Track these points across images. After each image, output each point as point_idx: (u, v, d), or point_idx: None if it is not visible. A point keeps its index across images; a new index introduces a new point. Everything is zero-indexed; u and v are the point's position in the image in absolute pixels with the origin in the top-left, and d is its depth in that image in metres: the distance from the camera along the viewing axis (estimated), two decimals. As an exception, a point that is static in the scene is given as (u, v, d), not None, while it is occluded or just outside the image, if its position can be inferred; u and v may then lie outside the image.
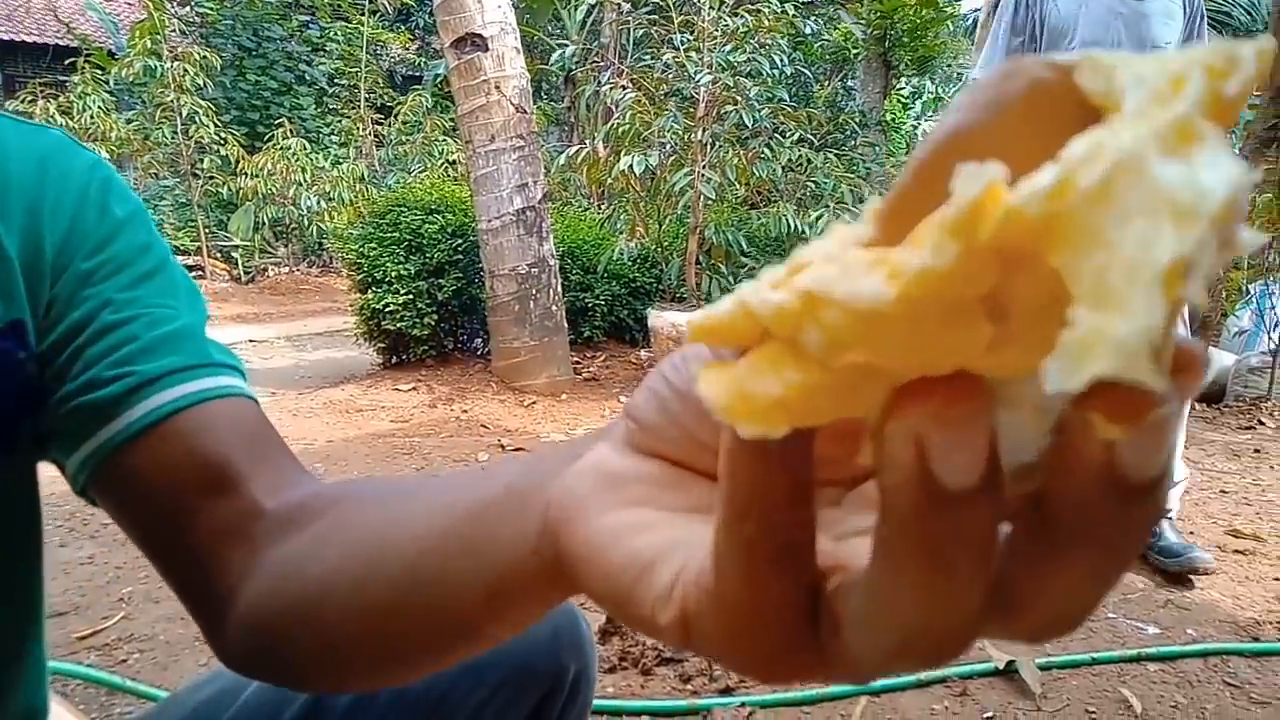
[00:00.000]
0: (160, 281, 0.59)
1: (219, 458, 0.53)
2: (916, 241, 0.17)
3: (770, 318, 0.18)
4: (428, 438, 4.05)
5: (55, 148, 0.59)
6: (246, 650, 0.51)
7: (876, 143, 8.00)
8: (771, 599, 0.23)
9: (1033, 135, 0.18)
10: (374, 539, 0.43)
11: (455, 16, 4.57)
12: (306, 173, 9.83)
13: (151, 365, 0.55)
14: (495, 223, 4.77)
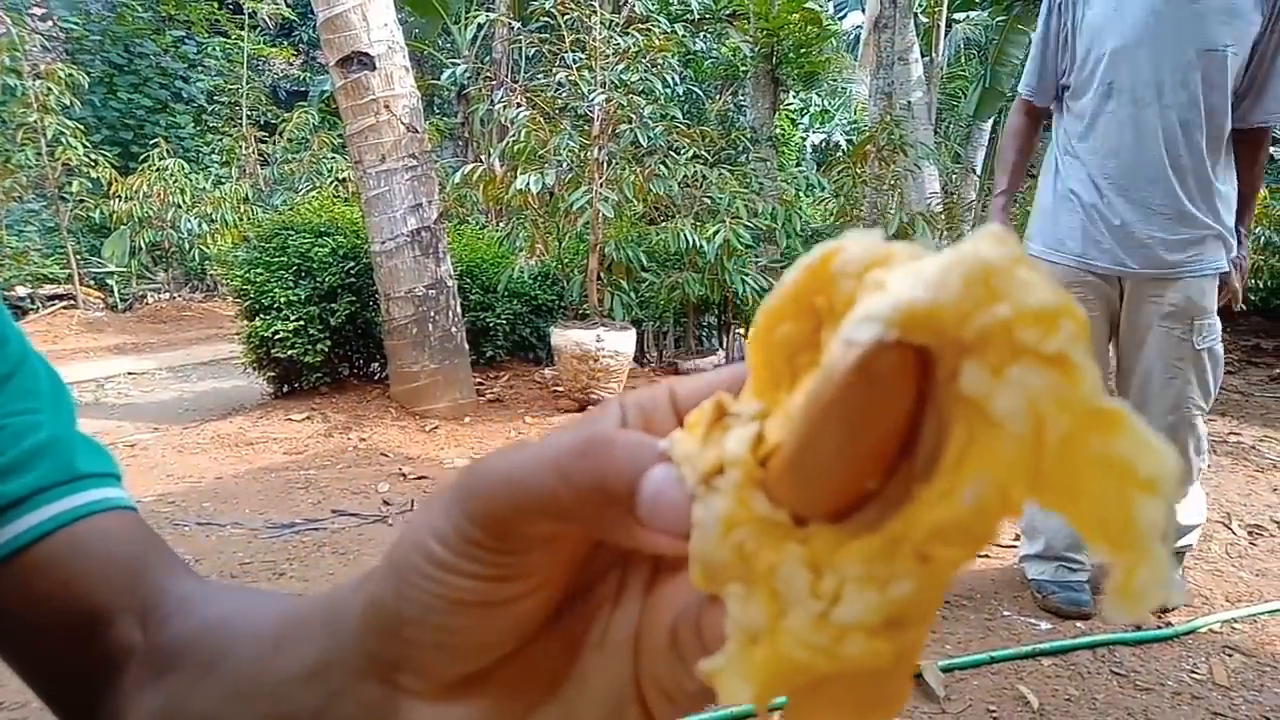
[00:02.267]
0: (19, 381, 0.54)
1: (89, 595, 0.50)
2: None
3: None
4: (324, 469, 3.90)
5: None
6: None
7: (768, 157, 8.21)
8: None
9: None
10: (216, 705, 0.41)
11: (340, 35, 4.44)
12: (186, 194, 9.37)
13: (13, 485, 0.50)
14: (389, 244, 4.65)
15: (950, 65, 11.76)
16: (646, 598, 0.29)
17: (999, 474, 0.19)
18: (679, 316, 6.33)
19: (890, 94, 8.36)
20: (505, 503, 0.27)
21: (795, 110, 16.60)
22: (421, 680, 0.30)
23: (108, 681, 0.50)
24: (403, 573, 0.29)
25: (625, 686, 0.29)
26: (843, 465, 0.21)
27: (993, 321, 0.19)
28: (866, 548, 0.21)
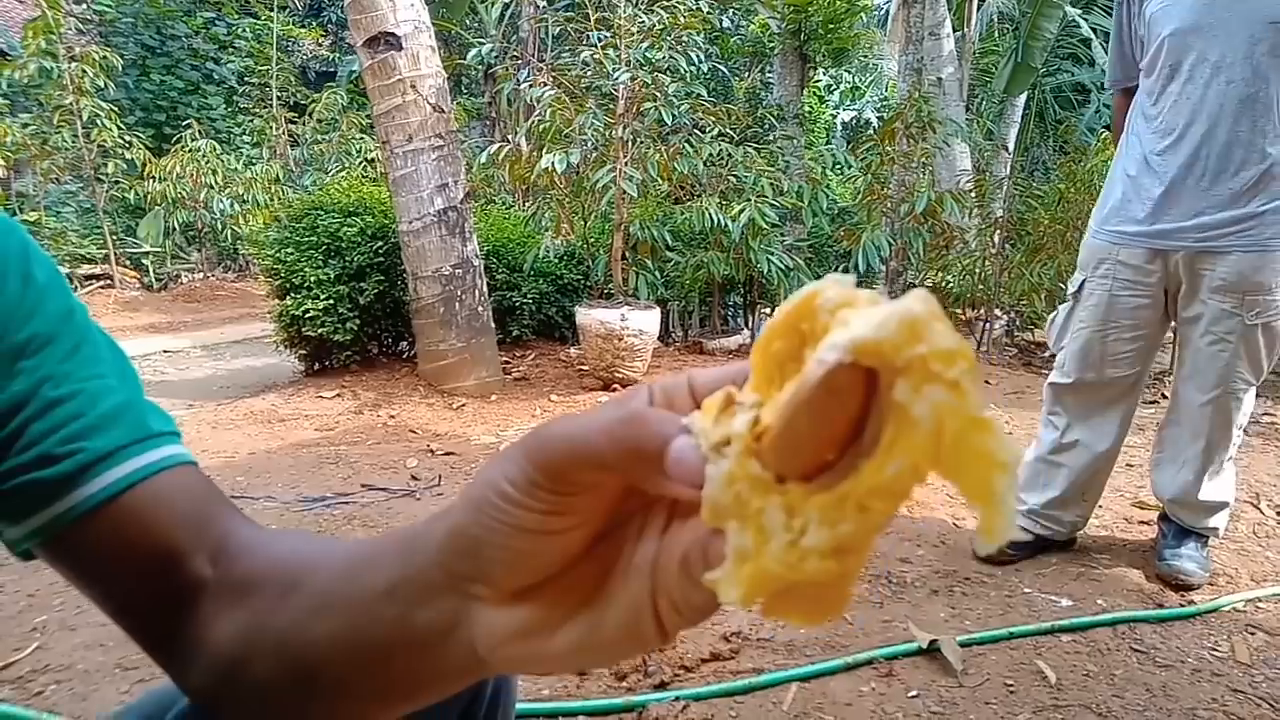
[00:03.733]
0: (88, 350, 0.61)
1: (167, 536, 0.58)
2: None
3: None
4: (354, 445, 3.98)
5: None
6: (206, 697, 0.57)
7: (794, 135, 8.13)
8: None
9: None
10: (297, 621, 0.50)
11: (366, 15, 4.48)
12: (218, 175, 9.50)
13: (100, 442, 0.58)
14: (416, 224, 4.70)
15: (982, 40, 11.57)
16: (662, 537, 0.38)
17: (914, 455, 0.29)
18: (704, 296, 6.33)
19: (920, 70, 8.25)
20: (564, 457, 0.36)
21: (823, 88, 16.41)
22: (490, 590, 0.40)
23: (184, 612, 0.58)
24: (481, 507, 0.38)
25: (643, 602, 0.38)
26: (811, 444, 0.31)
27: (915, 355, 0.28)
28: (825, 500, 0.31)
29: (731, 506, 0.32)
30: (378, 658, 0.45)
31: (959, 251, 6.57)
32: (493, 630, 0.40)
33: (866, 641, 2.09)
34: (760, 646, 2.08)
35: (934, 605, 2.31)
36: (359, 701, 0.49)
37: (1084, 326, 2.48)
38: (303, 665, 0.50)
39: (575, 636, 0.39)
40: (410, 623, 0.43)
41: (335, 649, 0.47)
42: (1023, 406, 4.71)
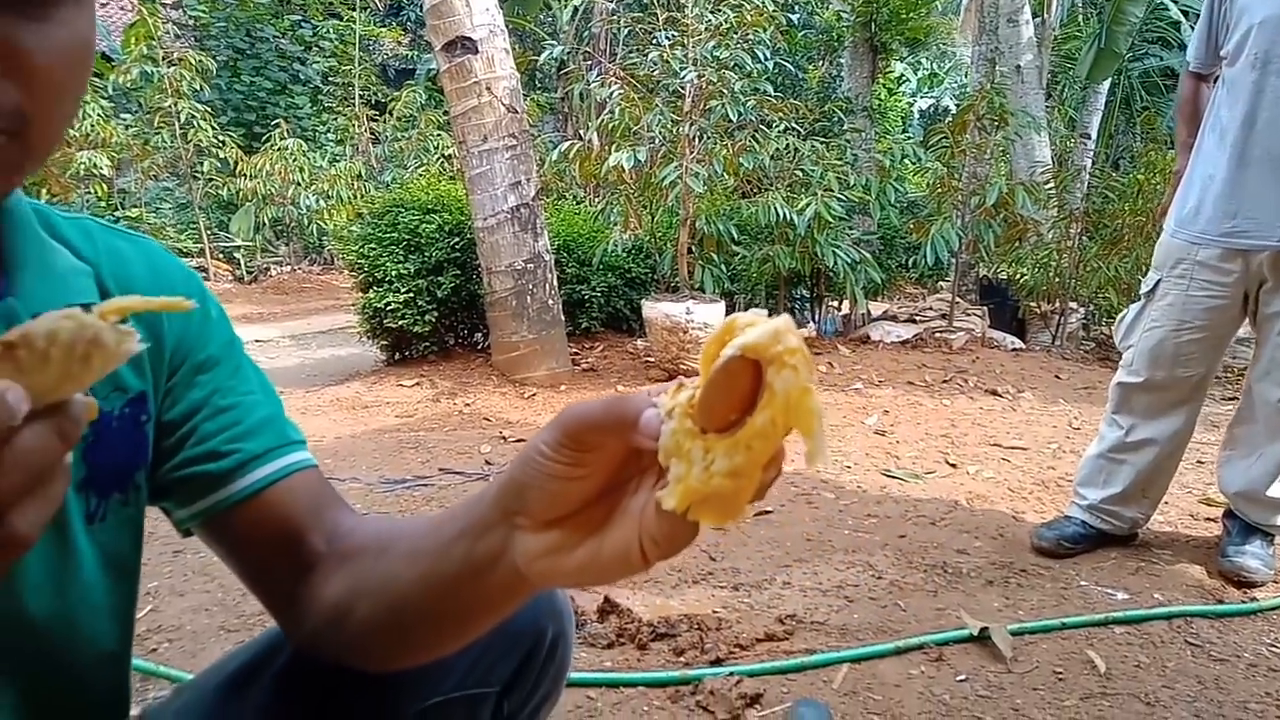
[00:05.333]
0: (244, 372, 0.80)
1: (297, 524, 0.76)
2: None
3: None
4: (432, 432, 4.18)
5: (158, 255, 0.78)
6: (315, 645, 0.75)
7: (863, 128, 8.06)
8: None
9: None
10: (391, 570, 0.68)
11: (444, 20, 4.66)
12: (304, 172, 9.92)
13: (254, 444, 0.76)
14: (491, 220, 4.88)
15: (1064, 25, 11.23)
16: (650, 492, 0.53)
17: (774, 411, 0.45)
18: (770, 289, 6.38)
19: (994, 60, 8.09)
20: (578, 423, 0.52)
21: (895, 78, 16.11)
22: (529, 520, 0.56)
23: (302, 578, 0.75)
24: (526, 461, 0.55)
25: (632, 536, 0.53)
26: (720, 408, 0.47)
27: (775, 351, 0.45)
28: (727, 443, 0.47)
29: (673, 449, 0.48)
30: (451, 586, 0.62)
31: (1033, 245, 6.47)
32: (529, 549, 0.56)
33: (918, 628, 2.16)
34: (813, 629, 2.16)
35: (988, 595, 2.36)
36: (435, 626, 0.66)
37: (1156, 325, 2.47)
38: (396, 602, 0.67)
39: (583, 556, 0.54)
40: (474, 553, 0.59)
41: (421, 586, 0.64)
42: (1092, 402, 4.65)
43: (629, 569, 0.53)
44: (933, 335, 6.04)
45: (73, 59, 0.54)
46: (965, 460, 3.66)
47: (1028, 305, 6.79)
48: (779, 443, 0.46)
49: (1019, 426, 4.21)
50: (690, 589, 2.40)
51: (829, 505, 3.08)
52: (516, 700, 0.84)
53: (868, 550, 2.67)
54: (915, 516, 2.97)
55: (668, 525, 0.50)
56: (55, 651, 0.69)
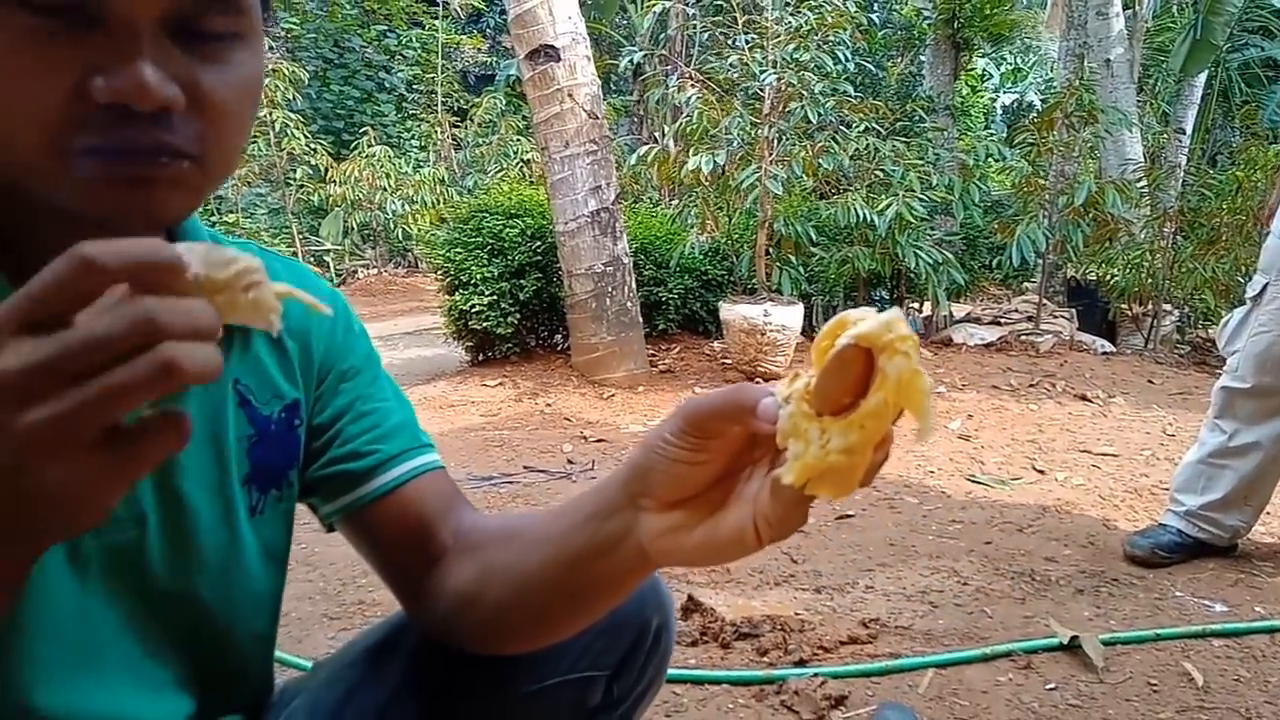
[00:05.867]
0: (382, 381, 0.88)
1: (428, 518, 0.83)
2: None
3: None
4: (515, 431, 4.29)
5: (308, 277, 0.87)
6: (443, 629, 0.81)
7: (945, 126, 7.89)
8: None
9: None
10: (518, 555, 0.74)
11: (528, 29, 4.78)
12: (390, 178, 10.24)
13: (391, 446, 0.83)
14: (571, 225, 4.98)
15: (1157, 16, 10.81)
16: (763, 479, 0.57)
17: (886, 392, 0.50)
18: (849, 291, 6.33)
19: (1082, 55, 7.84)
20: (701, 411, 0.57)
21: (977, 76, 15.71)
22: (653, 501, 0.61)
23: (431, 569, 0.82)
24: (651, 447, 0.60)
25: (747, 518, 0.57)
26: (835, 393, 0.52)
27: (887, 339, 0.50)
28: (841, 424, 0.51)
29: (791, 431, 0.53)
30: (578, 566, 0.67)
31: (1124, 244, 6.26)
32: (652, 528, 0.61)
33: (1006, 635, 2.14)
34: (898, 633, 2.17)
35: (1078, 604, 2.32)
36: (561, 605, 0.72)
37: (1264, 330, 2.39)
38: (525, 584, 0.72)
39: (702, 535, 0.59)
40: (599, 535, 0.64)
41: (549, 567, 0.70)
42: (1188, 408, 4.49)
43: (744, 549, 0.58)
44: (1018, 338, 5.91)
45: (245, 95, 0.61)
46: (1053, 466, 3.58)
47: (1118, 307, 6.57)
48: (890, 422, 0.51)
49: (1110, 433, 4.09)
50: (772, 590, 2.43)
51: (912, 510, 3.06)
52: (624, 685, 0.89)
53: (952, 556, 2.65)
54: (1001, 523, 2.93)
55: (781, 507, 0.55)
56: (218, 631, 0.77)
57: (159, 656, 0.73)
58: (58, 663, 0.65)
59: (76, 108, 0.53)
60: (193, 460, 0.72)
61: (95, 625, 0.68)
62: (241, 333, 0.77)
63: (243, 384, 0.77)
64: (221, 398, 0.75)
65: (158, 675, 0.74)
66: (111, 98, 0.53)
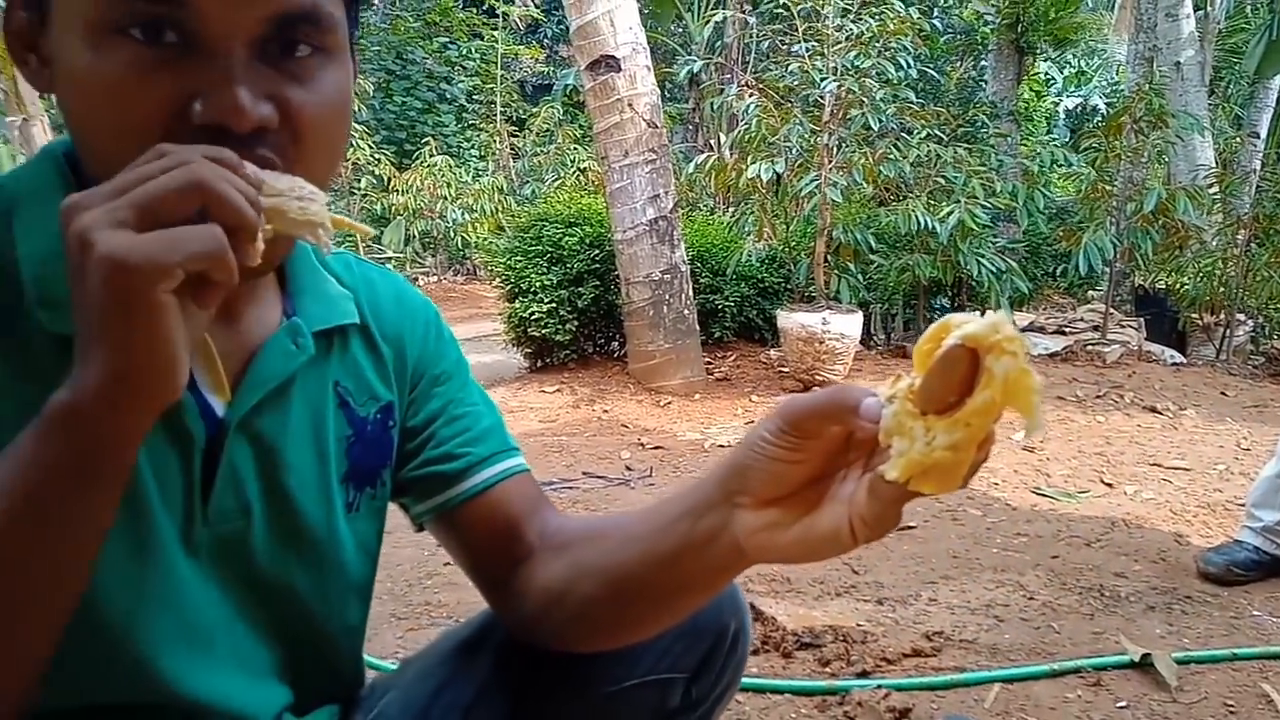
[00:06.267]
0: (471, 386, 0.92)
1: (515, 519, 0.86)
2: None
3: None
4: (573, 437, 4.33)
5: (401, 284, 0.90)
6: (530, 627, 0.84)
7: (1009, 132, 7.74)
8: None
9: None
10: (610, 552, 0.76)
11: (590, 40, 4.84)
12: (451, 187, 10.43)
13: (482, 449, 0.87)
14: (630, 233, 5.02)
15: (1229, 17, 10.47)
16: (858, 480, 0.59)
17: (993, 391, 0.52)
18: (909, 298, 6.26)
19: (1152, 59, 7.64)
20: (801, 410, 0.59)
21: (1042, 81, 15.38)
22: (750, 499, 0.63)
23: (517, 567, 0.85)
24: (749, 446, 0.62)
25: (843, 517, 0.59)
26: (940, 392, 0.54)
27: (995, 340, 0.51)
28: (947, 421, 0.53)
29: (895, 429, 0.55)
30: (671, 562, 0.69)
31: (1195, 252, 6.08)
32: (748, 524, 0.63)
33: (1074, 651, 2.11)
34: (962, 647, 2.14)
35: (1149, 621, 2.27)
36: (654, 600, 0.74)
37: None
38: (617, 579, 0.75)
39: (798, 533, 0.61)
40: (694, 530, 0.66)
41: (642, 563, 0.72)
42: (1264, 420, 4.35)
43: (838, 547, 0.59)
44: (1084, 348, 5.78)
45: (334, 110, 0.64)
46: (1122, 480, 3.50)
47: (1189, 317, 6.39)
48: (995, 420, 0.53)
49: (1181, 446, 3.98)
50: (833, 600, 2.42)
51: (975, 522, 3.02)
52: (703, 687, 0.91)
53: (1018, 570, 2.61)
54: (1068, 537, 2.88)
55: (879, 505, 0.56)
56: (314, 622, 0.81)
57: (261, 645, 0.78)
58: (177, 642, 0.70)
59: (177, 129, 0.57)
60: (297, 458, 0.76)
61: (208, 611, 0.72)
62: (340, 337, 0.81)
63: (342, 386, 0.80)
64: (323, 399, 0.79)
65: (260, 663, 0.78)
66: (209, 119, 0.56)
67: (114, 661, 0.67)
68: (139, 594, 0.67)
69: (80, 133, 0.61)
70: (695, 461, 3.88)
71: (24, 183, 0.67)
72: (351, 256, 0.88)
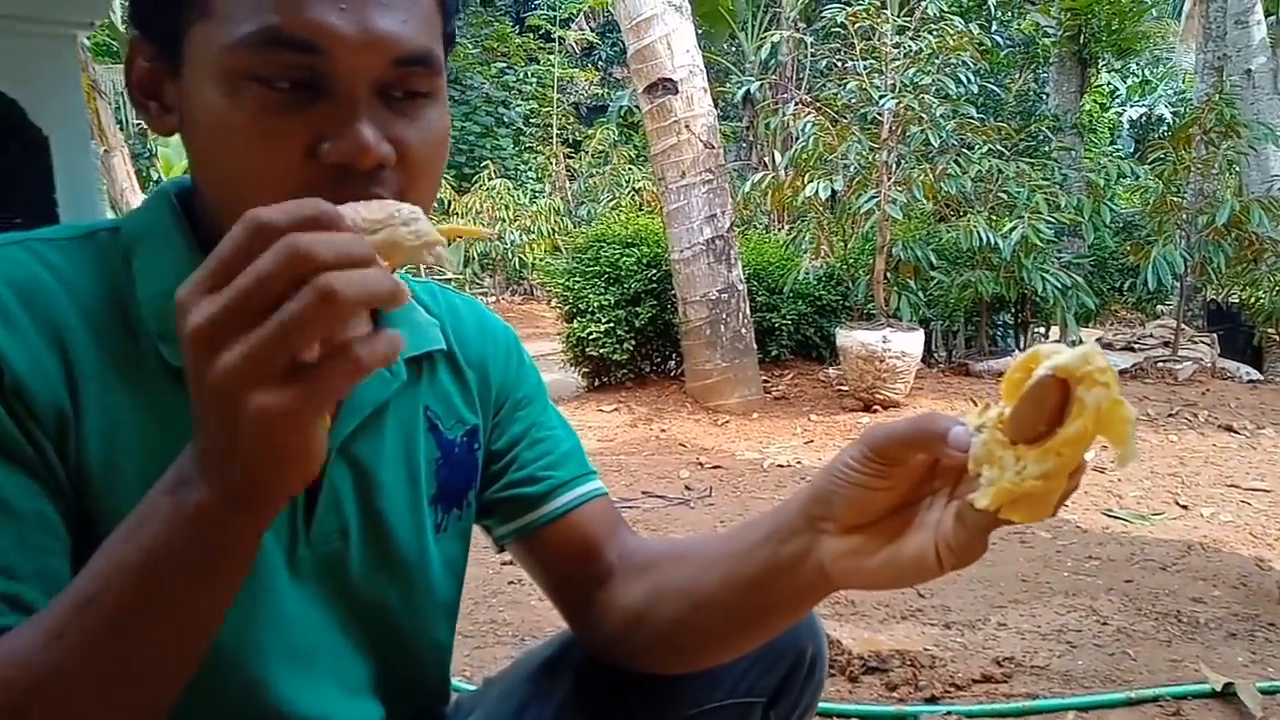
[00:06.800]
0: (550, 410, 0.94)
1: (595, 542, 0.87)
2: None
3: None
4: (632, 456, 4.36)
5: (483, 311, 0.93)
6: (611, 648, 0.85)
7: (1072, 146, 7.57)
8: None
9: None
10: (692, 574, 0.77)
11: (647, 64, 4.90)
12: (509, 209, 10.61)
13: (563, 473, 0.88)
14: (687, 253, 5.05)
15: (1305, 21, 10.12)
16: (943, 507, 0.60)
17: (1085, 421, 0.52)
18: (970, 315, 6.16)
19: (1221, 68, 7.43)
20: (887, 438, 0.60)
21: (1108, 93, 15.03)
22: (834, 525, 0.64)
23: (597, 590, 0.86)
24: (834, 471, 0.63)
25: (929, 544, 0.60)
26: (1030, 421, 0.54)
27: (1086, 371, 0.52)
28: (1038, 451, 0.53)
29: (985, 458, 0.55)
30: (755, 586, 0.70)
31: (1270, 265, 5.88)
32: (834, 550, 0.64)
33: (1151, 679, 2.05)
34: (1033, 673, 2.10)
35: (1230, 648, 2.20)
36: (736, 624, 0.75)
37: None
38: (701, 603, 0.76)
39: (883, 559, 0.62)
40: (778, 556, 0.67)
41: (725, 587, 0.73)
42: (1351, 442, 4.18)
43: (925, 573, 0.60)
44: (1154, 365, 5.62)
45: (439, 147, 0.69)
46: (1198, 501, 3.40)
47: (1265, 332, 6.17)
48: (1086, 450, 0.53)
49: (1260, 466, 3.85)
50: (899, 624, 2.39)
51: (1045, 545, 2.96)
52: (781, 711, 0.91)
53: (1090, 594, 2.55)
54: (1142, 560, 2.80)
55: (966, 534, 0.57)
56: (405, 640, 0.84)
57: (357, 662, 0.81)
58: (285, 662, 0.73)
59: (308, 168, 0.61)
60: (390, 480, 0.80)
61: (310, 630, 0.76)
62: (429, 362, 0.84)
63: (431, 410, 0.84)
64: (414, 423, 0.82)
65: (357, 680, 0.81)
66: (338, 158, 0.61)
67: (227, 684, 0.70)
68: (250, 616, 0.70)
69: (211, 172, 0.66)
70: (754, 481, 3.87)
71: (141, 225, 0.72)
72: (435, 285, 0.91)
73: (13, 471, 0.59)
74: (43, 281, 0.64)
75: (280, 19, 0.58)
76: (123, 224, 0.72)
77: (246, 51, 0.59)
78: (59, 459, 0.62)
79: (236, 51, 0.59)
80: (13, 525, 0.58)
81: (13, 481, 0.59)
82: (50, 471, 0.61)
